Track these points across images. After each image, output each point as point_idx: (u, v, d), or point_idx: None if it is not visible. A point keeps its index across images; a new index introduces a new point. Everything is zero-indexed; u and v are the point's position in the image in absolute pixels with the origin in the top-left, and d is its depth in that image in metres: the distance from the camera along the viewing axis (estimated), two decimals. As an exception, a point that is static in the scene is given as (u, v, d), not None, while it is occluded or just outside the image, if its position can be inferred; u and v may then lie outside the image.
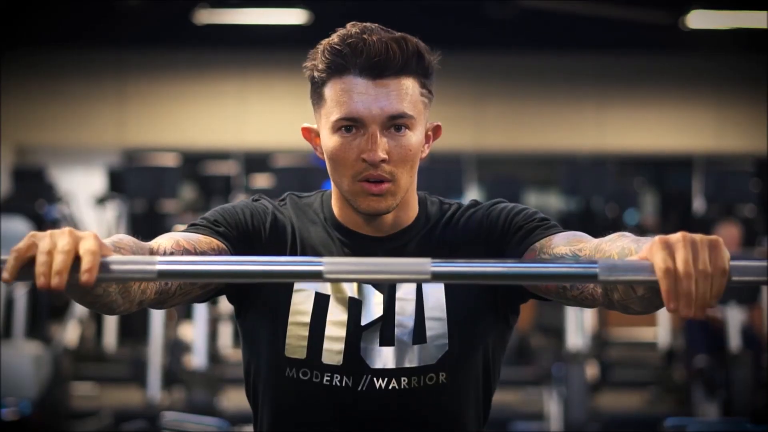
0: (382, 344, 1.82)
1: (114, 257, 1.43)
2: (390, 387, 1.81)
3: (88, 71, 12.39)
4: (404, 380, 1.81)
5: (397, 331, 1.82)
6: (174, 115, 12.52)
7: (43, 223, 7.53)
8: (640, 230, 9.56)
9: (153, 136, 12.46)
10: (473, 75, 12.18)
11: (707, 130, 12.60)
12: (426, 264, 1.45)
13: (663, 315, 8.58)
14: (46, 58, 12.23)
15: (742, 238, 7.66)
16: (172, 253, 1.69)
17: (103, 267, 1.41)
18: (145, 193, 8.37)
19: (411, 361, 1.82)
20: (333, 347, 1.81)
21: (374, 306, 1.83)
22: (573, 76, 12.54)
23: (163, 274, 1.42)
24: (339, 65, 1.76)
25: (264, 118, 12.44)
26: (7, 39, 11.23)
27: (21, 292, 6.33)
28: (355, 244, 1.86)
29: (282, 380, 1.84)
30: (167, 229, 7.71)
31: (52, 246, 1.39)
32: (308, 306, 1.82)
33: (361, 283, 1.84)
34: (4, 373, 5.51)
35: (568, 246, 1.73)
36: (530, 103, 12.59)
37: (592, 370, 6.81)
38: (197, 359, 6.36)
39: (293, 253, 1.86)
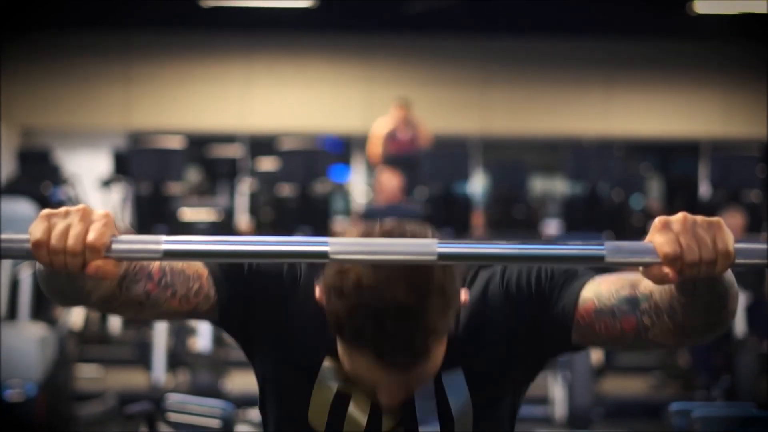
0: None
1: (121, 238, 1.45)
2: None
3: (94, 54, 12.37)
4: None
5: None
6: (180, 97, 12.51)
7: (48, 205, 7.51)
8: (646, 215, 9.54)
9: (159, 118, 12.45)
10: (479, 59, 12.14)
11: (714, 115, 12.57)
12: (432, 245, 1.45)
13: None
14: (52, 40, 12.21)
15: (747, 224, 7.64)
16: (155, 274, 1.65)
17: (110, 248, 1.45)
18: (150, 176, 8.38)
19: None
20: None
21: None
22: (579, 60, 12.50)
23: (168, 254, 1.45)
24: (354, 338, 1.60)
25: (269, 101, 12.42)
26: (13, 21, 11.22)
27: (26, 273, 6.32)
28: None
29: None
30: (172, 212, 7.74)
31: (65, 238, 1.42)
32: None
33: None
34: (9, 355, 5.51)
35: (616, 289, 1.64)
36: (536, 87, 12.56)
37: (596, 355, 6.81)
38: (202, 342, 6.36)
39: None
